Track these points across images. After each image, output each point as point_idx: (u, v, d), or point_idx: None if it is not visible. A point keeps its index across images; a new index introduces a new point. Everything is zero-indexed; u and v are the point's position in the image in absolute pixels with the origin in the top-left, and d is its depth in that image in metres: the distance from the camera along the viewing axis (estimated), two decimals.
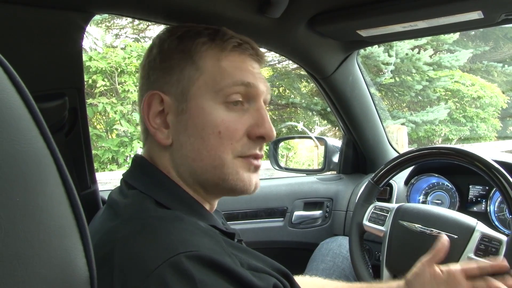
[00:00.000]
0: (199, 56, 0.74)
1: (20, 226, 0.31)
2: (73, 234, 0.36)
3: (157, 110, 0.74)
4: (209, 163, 0.72)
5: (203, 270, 0.55)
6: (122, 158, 6.64)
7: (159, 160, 0.76)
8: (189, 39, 0.76)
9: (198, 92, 0.73)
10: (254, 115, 0.76)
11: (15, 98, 0.33)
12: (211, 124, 0.72)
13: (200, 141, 0.72)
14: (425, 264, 1.04)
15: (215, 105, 0.73)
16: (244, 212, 1.72)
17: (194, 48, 0.75)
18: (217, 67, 0.74)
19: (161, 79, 0.75)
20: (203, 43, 0.75)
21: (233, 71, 0.74)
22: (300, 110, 9.49)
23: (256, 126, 0.75)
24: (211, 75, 0.73)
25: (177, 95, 0.73)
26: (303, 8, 1.10)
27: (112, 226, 0.64)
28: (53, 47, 0.84)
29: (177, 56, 0.75)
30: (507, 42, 11.49)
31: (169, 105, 0.74)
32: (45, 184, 0.34)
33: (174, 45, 0.76)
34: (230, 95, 0.73)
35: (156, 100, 0.74)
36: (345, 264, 1.55)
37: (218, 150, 0.72)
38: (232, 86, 0.73)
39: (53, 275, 0.33)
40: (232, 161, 0.73)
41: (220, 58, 0.75)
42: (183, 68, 0.74)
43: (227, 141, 0.72)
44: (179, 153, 0.73)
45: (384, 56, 8.26)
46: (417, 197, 1.67)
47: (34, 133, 0.34)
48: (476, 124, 9.93)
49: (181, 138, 0.73)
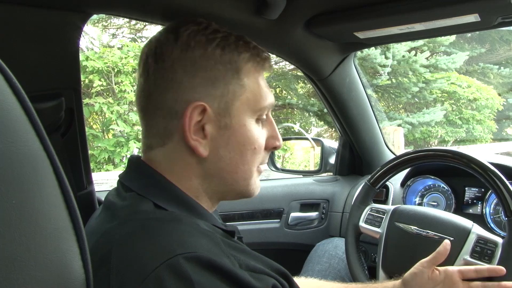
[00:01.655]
0: (244, 72, 0.74)
1: (16, 229, 0.31)
2: (69, 237, 0.35)
3: (196, 121, 0.71)
4: (241, 175, 0.77)
5: (201, 272, 0.55)
6: (118, 158, 6.62)
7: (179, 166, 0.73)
8: (234, 51, 0.73)
9: (241, 108, 0.74)
10: (269, 128, 0.81)
11: (11, 99, 0.33)
12: (250, 141, 0.75)
13: (239, 156, 0.75)
14: (425, 265, 1.05)
15: (253, 122, 0.76)
16: (240, 213, 1.72)
17: (240, 63, 0.74)
18: (257, 85, 0.76)
19: (202, 89, 0.71)
20: (248, 59, 0.75)
21: (267, 91, 0.78)
22: (296, 111, 9.49)
23: (272, 138, 0.81)
24: (253, 93, 0.75)
25: (220, 109, 0.72)
26: (301, 10, 1.10)
27: (109, 228, 0.64)
28: (50, 47, 0.84)
29: (222, 68, 0.72)
30: (503, 45, 11.53)
31: (210, 117, 0.71)
32: (41, 186, 0.34)
33: (218, 54, 0.72)
34: (264, 113, 0.78)
35: (198, 111, 0.70)
36: (341, 265, 1.55)
37: (251, 164, 0.77)
38: (268, 107, 0.78)
39: (49, 278, 0.33)
40: (255, 172, 0.79)
41: (257, 76, 0.77)
42: (228, 82, 0.72)
43: (257, 156, 0.77)
44: (215, 165, 0.74)
45: (381, 58, 8.28)
46: (413, 199, 1.67)
47: (30, 134, 0.34)
48: (472, 126, 9.95)
49: (220, 152, 0.73)
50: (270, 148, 0.81)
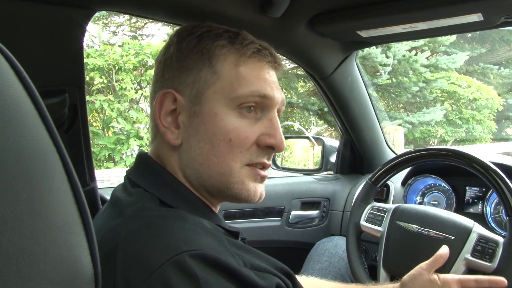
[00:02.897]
0: (217, 59, 0.73)
1: (26, 223, 0.31)
2: (78, 231, 0.36)
3: (169, 109, 0.73)
4: (216, 170, 0.72)
5: (206, 269, 0.55)
6: (119, 156, 6.62)
7: (166, 159, 0.75)
8: (209, 40, 0.74)
9: (213, 96, 0.71)
10: (266, 124, 0.75)
11: (21, 94, 0.33)
12: (222, 131, 0.71)
13: (210, 147, 0.71)
14: (424, 268, 1.05)
15: (228, 111, 0.71)
16: (241, 211, 1.72)
17: (213, 50, 0.73)
18: (235, 73, 0.72)
19: (177, 78, 0.73)
20: (222, 46, 0.74)
21: (251, 80, 0.73)
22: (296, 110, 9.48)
23: (267, 135, 0.74)
24: (229, 81, 0.72)
25: (192, 96, 0.72)
26: (304, 8, 1.10)
27: (115, 224, 0.64)
28: (54, 44, 0.84)
29: (195, 56, 0.73)
30: (504, 45, 11.54)
31: (182, 106, 0.72)
32: (51, 180, 0.34)
33: (192, 44, 0.74)
34: (245, 103, 0.72)
35: (169, 99, 0.73)
36: (341, 264, 1.55)
37: (226, 158, 0.71)
38: (248, 96, 0.72)
39: (58, 272, 0.33)
40: (239, 170, 0.72)
41: (239, 64, 0.73)
42: (200, 70, 0.72)
43: (236, 149, 0.71)
44: (187, 155, 0.73)
45: (382, 57, 8.27)
46: (414, 198, 1.67)
47: (40, 129, 0.34)
48: (472, 125, 9.96)
49: (190, 141, 0.72)
50: (264, 146, 0.74)
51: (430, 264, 1.06)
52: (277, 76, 0.80)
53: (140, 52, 6.63)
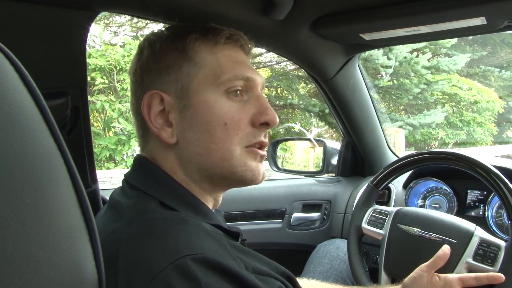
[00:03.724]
0: (194, 51, 0.75)
1: (30, 228, 0.30)
2: (82, 236, 0.35)
3: (158, 110, 0.73)
4: (217, 156, 0.72)
5: (208, 273, 0.55)
6: (120, 157, 6.61)
7: (163, 160, 0.75)
8: (181, 36, 0.76)
9: (199, 86, 0.73)
10: (255, 104, 0.76)
11: (26, 98, 0.33)
12: (216, 117, 0.72)
13: (207, 135, 0.72)
14: (424, 269, 1.05)
15: (217, 97, 0.73)
16: (242, 213, 1.72)
17: (188, 45, 0.75)
18: (215, 60, 0.75)
19: (158, 79, 0.75)
20: (196, 39, 0.76)
21: (231, 65, 0.75)
22: (297, 111, 9.48)
23: (259, 114, 0.76)
24: (211, 69, 0.74)
25: (177, 92, 0.73)
26: (307, 11, 1.10)
27: (116, 227, 0.64)
28: (57, 45, 0.84)
29: (172, 54, 0.75)
30: (505, 48, 11.54)
31: (170, 104, 0.73)
32: (55, 185, 0.34)
33: (166, 44, 0.76)
34: (231, 88, 0.74)
35: (156, 100, 0.73)
36: (342, 266, 1.55)
37: (225, 142, 0.72)
38: (233, 80, 0.74)
39: (62, 278, 0.33)
40: (240, 153, 0.74)
41: (215, 52, 0.76)
42: (180, 66, 0.74)
43: (233, 132, 0.73)
44: (186, 151, 0.73)
45: (383, 59, 8.27)
46: (415, 201, 1.67)
47: (45, 134, 0.34)
48: (472, 128, 9.96)
49: (186, 135, 0.73)
50: (258, 124, 0.75)
51: (429, 266, 1.06)
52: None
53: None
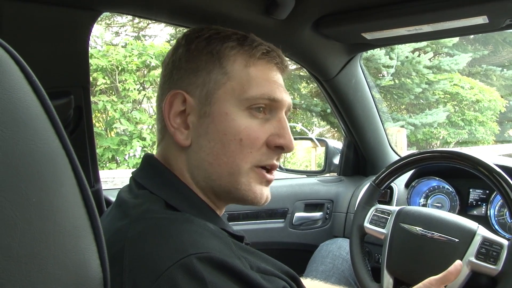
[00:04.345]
0: (227, 60, 0.73)
1: (36, 227, 0.31)
2: (87, 235, 0.36)
3: (179, 110, 0.73)
4: (226, 169, 0.72)
5: (213, 272, 0.55)
6: (122, 157, 6.62)
7: (174, 160, 0.75)
8: (218, 41, 0.74)
9: (223, 96, 0.72)
10: (275, 125, 0.75)
11: (31, 97, 0.33)
12: (233, 131, 0.71)
13: (220, 146, 0.71)
14: (433, 283, 1.00)
15: (238, 112, 0.72)
16: (245, 213, 1.72)
17: (222, 52, 0.73)
18: (245, 74, 0.73)
19: (186, 79, 0.74)
20: (232, 47, 0.74)
21: (261, 82, 0.73)
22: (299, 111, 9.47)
23: (277, 136, 0.74)
24: (239, 82, 0.72)
25: (201, 97, 0.72)
26: (309, 10, 1.10)
27: (121, 226, 0.64)
28: (60, 45, 0.84)
29: (205, 58, 0.73)
30: (506, 47, 11.52)
31: (192, 106, 0.72)
32: (60, 184, 0.34)
33: (201, 46, 0.74)
34: (255, 104, 0.73)
35: (179, 100, 0.73)
36: (345, 266, 1.55)
37: (237, 158, 0.71)
38: (258, 98, 0.72)
39: (67, 277, 0.33)
40: (247, 171, 0.73)
41: (248, 65, 0.74)
42: (210, 71, 0.73)
43: (247, 149, 0.71)
44: (197, 156, 0.72)
45: (385, 58, 8.26)
46: (418, 200, 1.67)
47: (50, 132, 0.34)
48: (474, 127, 9.94)
49: (200, 141, 0.72)
50: (273, 147, 0.74)
51: (440, 280, 1.01)
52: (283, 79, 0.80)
53: (143, 52, 6.63)
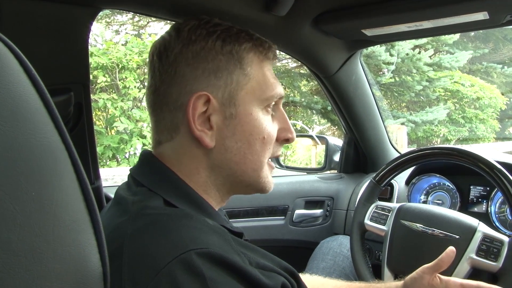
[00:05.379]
0: (247, 61, 0.74)
1: (35, 221, 0.31)
2: (87, 230, 0.36)
3: (201, 111, 0.71)
4: (251, 166, 0.76)
5: (213, 268, 0.55)
6: (122, 155, 6.61)
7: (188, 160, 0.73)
8: (235, 41, 0.74)
9: (246, 97, 0.73)
10: (280, 120, 0.80)
11: (31, 92, 0.33)
12: (258, 130, 0.74)
13: (247, 146, 0.74)
14: (426, 271, 1.02)
15: (259, 111, 0.75)
16: (245, 210, 1.72)
17: (241, 52, 0.74)
18: (261, 74, 0.76)
19: (205, 79, 0.72)
20: (250, 49, 0.75)
21: (272, 81, 0.77)
22: (299, 108, 9.47)
23: (284, 130, 0.80)
24: (258, 82, 0.75)
25: (224, 98, 0.72)
26: (309, 7, 1.10)
27: (120, 222, 0.64)
28: (60, 42, 0.84)
29: (224, 58, 0.73)
30: (507, 44, 11.50)
31: (215, 108, 0.72)
32: (60, 178, 0.34)
33: (218, 45, 0.73)
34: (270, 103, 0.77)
35: (201, 101, 0.71)
36: (346, 263, 1.55)
37: (260, 155, 0.76)
38: (274, 97, 0.77)
39: (67, 271, 0.33)
40: (265, 164, 0.78)
41: (263, 66, 0.77)
42: (231, 72, 0.73)
43: (268, 146, 0.76)
44: (222, 156, 0.73)
45: (386, 55, 8.24)
46: (418, 197, 1.67)
47: (50, 127, 0.34)
48: (475, 125, 9.93)
49: (227, 143, 0.73)
50: (281, 141, 0.81)
51: (432, 268, 1.02)
52: None
53: (144, 50, 6.62)
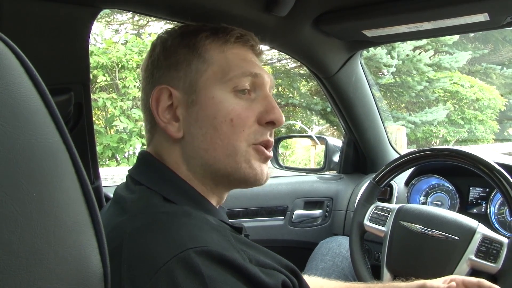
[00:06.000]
0: (204, 49, 0.76)
1: (36, 222, 0.31)
2: (88, 230, 0.35)
3: (166, 105, 0.74)
4: (222, 152, 0.73)
5: (212, 266, 0.55)
6: (121, 155, 6.61)
7: (167, 155, 0.76)
8: (192, 34, 0.78)
9: (207, 82, 0.74)
10: (263, 102, 0.77)
11: (31, 92, 0.33)
12: (222, 113, 0.73)
13: (213, 131, 0.73)
14: None
15: (224, 94, 0.74)
16: (245, 210, 1.72)
17: (198, 42, 0.77)
18: (223, 58, 0.76)
19: (167, 74, 0.76)
20: (207, 37, 0.77)
21: (240, 62, 0.77)
22: (298, 109, 9.47)
23: (265, 112, 0.76)
24: (219, 66, 0.75)
25: (186, 88, 0.74)
26: (309, 7, 1.10)
27: (119, 222, 0.64)
28: (60, 42, 0.84)
29: (182, 51, 0.76)
30: (506, 45, 11.51)
31: (178, 99, 0.74)
32: (61, 179, 0.34)
33: (177, 41, 0.78)
34: (239, 85, 0.75)
35: (165, 95, 0.74)
36: (345, 263, 1.55)
37: (231, 139, 0.73)
38: (241, 76, 0.75)
39: (68, 272, 0.33)
40: (245, 149, 0.74)
41: (225, 50, 0.77)
42: (190, 62, 0.75)
43: (239, 128, 0.73)
44: (191, 145, 0.74)
45: (387, 58, 8.25)
46: (418, 198, 1.67)
47: (50, 127, 0.34)
48: (474, 126, 9.94)
49: (192, 130, 0.74)
50: (264, 123, 0.76)
51: None
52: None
53: (143, 50, 6.62)
